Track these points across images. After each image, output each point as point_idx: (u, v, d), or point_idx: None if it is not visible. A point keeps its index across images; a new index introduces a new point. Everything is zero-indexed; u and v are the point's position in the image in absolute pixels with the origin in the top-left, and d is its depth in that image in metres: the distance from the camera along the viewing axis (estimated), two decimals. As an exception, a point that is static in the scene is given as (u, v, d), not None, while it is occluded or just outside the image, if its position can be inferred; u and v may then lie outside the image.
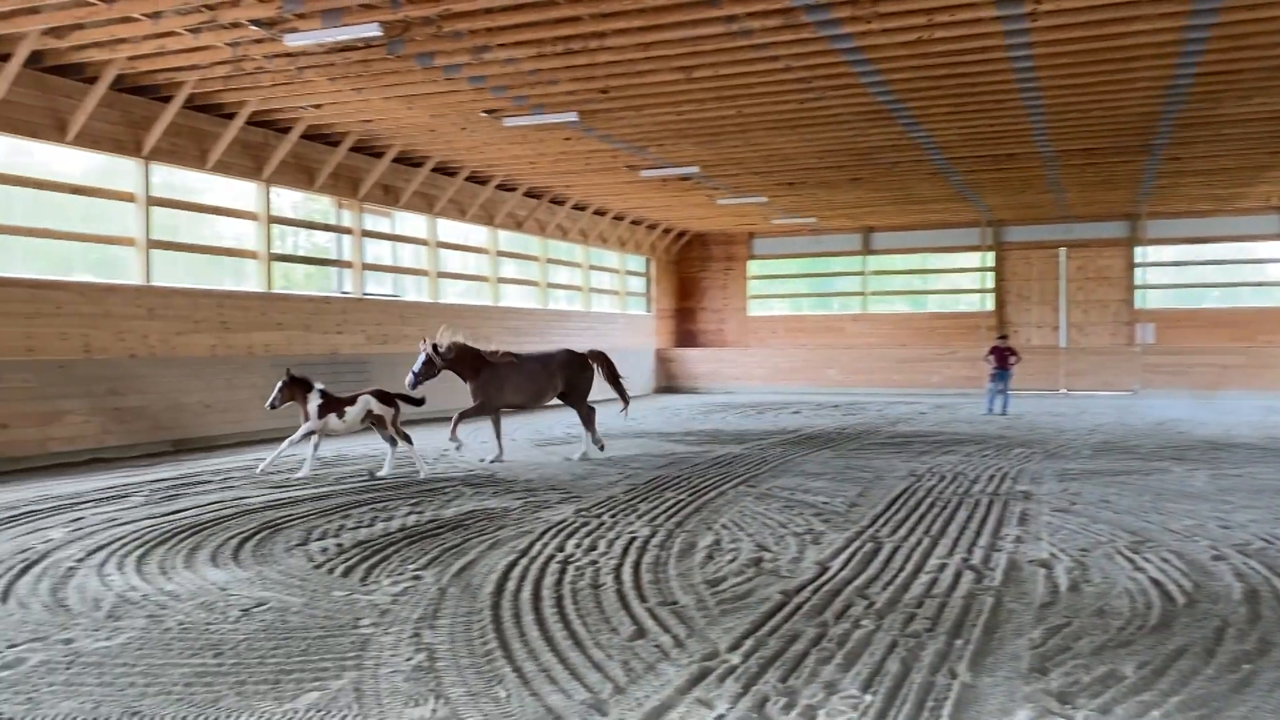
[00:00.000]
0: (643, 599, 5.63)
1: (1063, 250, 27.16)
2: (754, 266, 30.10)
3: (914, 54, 11.96)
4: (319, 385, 10.70)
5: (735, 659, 4.56)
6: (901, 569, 6.36)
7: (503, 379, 12.17)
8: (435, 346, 11.72)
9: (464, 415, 12.11)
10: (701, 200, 23.39)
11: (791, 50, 11.78)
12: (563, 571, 6.31)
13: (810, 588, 5.85)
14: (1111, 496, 9.18)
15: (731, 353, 29.23)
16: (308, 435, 10.63)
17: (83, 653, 4.71)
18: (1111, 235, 26.64)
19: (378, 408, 10.79)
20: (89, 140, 12.92)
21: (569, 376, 12.64)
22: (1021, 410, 20.35)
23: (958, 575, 6.18)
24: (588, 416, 12.76)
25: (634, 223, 26.88)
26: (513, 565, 6.47)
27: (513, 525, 7.86)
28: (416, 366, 11.62)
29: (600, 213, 24.98)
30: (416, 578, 6.16)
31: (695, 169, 18.94)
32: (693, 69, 12.54)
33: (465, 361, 12.01)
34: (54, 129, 12.54)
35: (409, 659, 4.59)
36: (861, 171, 19.74)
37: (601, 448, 12.75)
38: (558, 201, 23.21)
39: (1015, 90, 13.60)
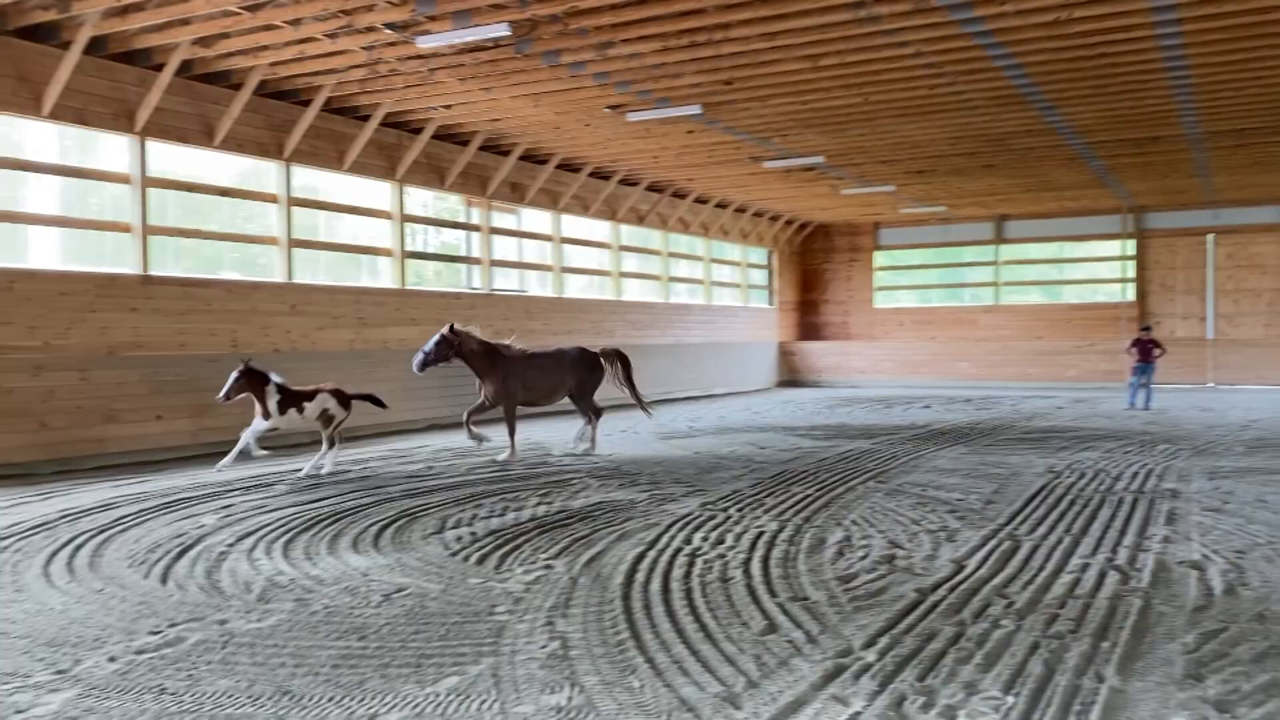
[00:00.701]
0: (773, 594, 5.58)
1: (1210, 237, 25.79)
2: (880, 257, 29.52)
3: (1051, 35, 11.52)
4: (276, 378, 10.32)
5: (870, 656, 4.48)
6: (1042, 568, 6.14)
7: (519, 375, 11.93)
8: (453, 327, 11.55)
9: (511, 425, 11.91)
10: (826, 190, 23.07)
11: (921, 35, 11.50)
12: (691, 564, 6.31)
13: (946, 586, 5.71)
14: (1269, 496, 8.68)
15: (857, 346, 28.75)
16: (269, 430, 10.41)
17: (236, 633, 4.94)
18: (1265, 220, 25.17)
19: (335, 409, 10.54)
20: (234, 144, 13.54)
21: (581, 375, 12.42)
22: (1166, 405, 19.42)
23: (1102, 576, 5.94)
24: (596, 412, 12.60)
25: (756, 215, 26.70)
26: (641, 557, 6.51)
27: (639, 517, 7.90)
28: (429, 346, 11.42)
29: (722, 205, 24.88)
30: (548, 567, 6.26)
31: (820, 159, 18.68)
32: (819, 57, 12.36)
33: (483, 356, 11.76)
34: (203, 134, 13.18)
35: (543, 646, 4.66)
36: (994, 158, 19.14)
37: (590, 448, 12.39)
38: (680, 195, 23.22)
39: (1161, 70, 12.97)
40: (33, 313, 11.37)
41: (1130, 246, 26.43)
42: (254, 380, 10.15)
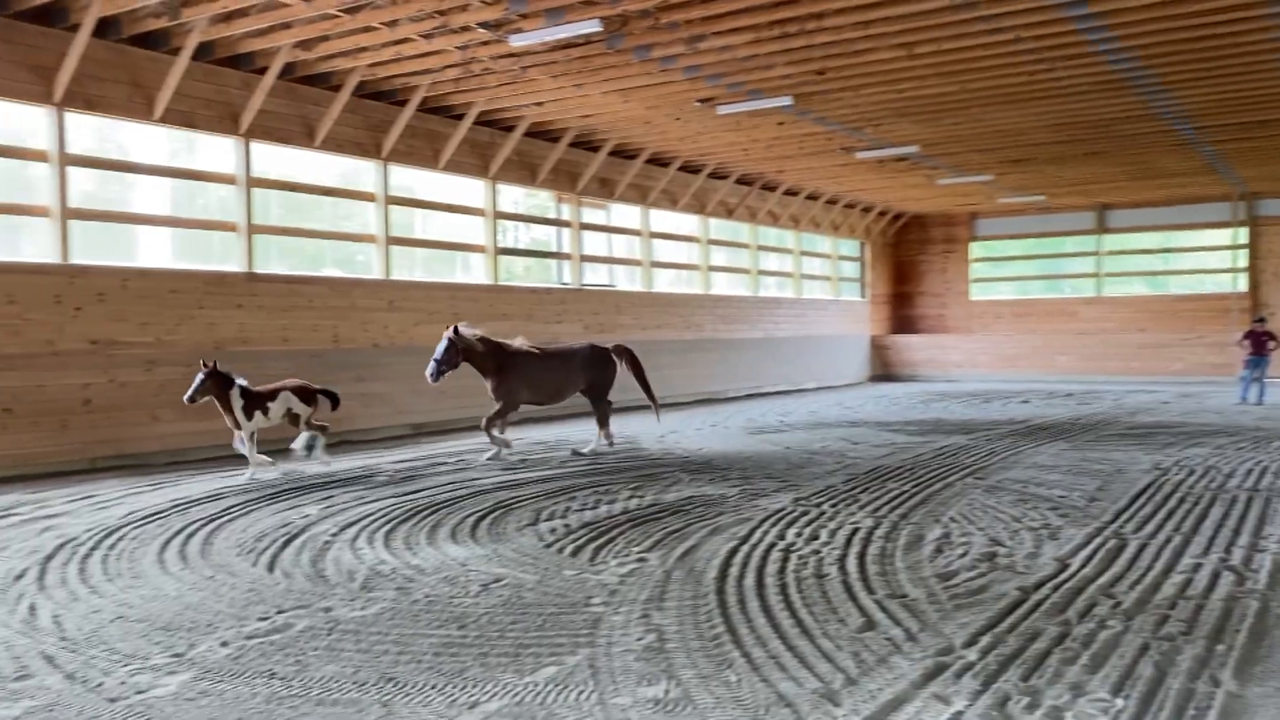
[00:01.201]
0: (870, 590, 5.51)
1: (1330, 224, 24.59)
2: (976, 248, 28.86)
3: (1158, 17, 11.10)
4: (240, 381, 9.77)
5: (972, 655, 4.39)
6: (1150, 568, 5.94)
7: (525, 375, 11.54)
8: (457, 330, 11.14)
9: (492, 420, 11.48)
10: (920, 181, 22.66)
11: (1021, 21, 11.19)
12: (785, 560, 6.27)
13: (1050, 585, 5.56)
14: (1396, 496, 8.25)
15: (953, 339, 28.18)
16: (251, 437, 9.91)
17: (341, 620, 5.08)
18: (1390, 205, 23.90)
19: (298, 406, 10.15)
20: (334, 145, 13.89)
21: (591, 375, 12.02)
22: (1281, 400, 18.60)
23: (1215, 576, 5.72)
24: (604, 413, 12.13)
25: (848, 206, 26.36)
26: (734, 551, 6.50)
27: (731, 512, 7.88)
28: (439, 354, 11.01)
29: (813, 197, 24.63)
30: (642, 560, 6.29)
31: (914, 148, 18.35)
32: (914, 45, 12.14)
33: (488, 355, 11.34)
34: (304, 135, 13.55)
35: (639, 639, 4.69)
36: (1096, 145, 18.54)
37: (611, 444, 12.04)
38: (769, 187, 23.05)
39: (1277, 50, 12.39)
40: (145, 310, 11.84)
41: (1242, 234, 25.36)
42: (219, 384, 9.62)
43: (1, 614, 5.26)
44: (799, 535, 6.99)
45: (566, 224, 18.45)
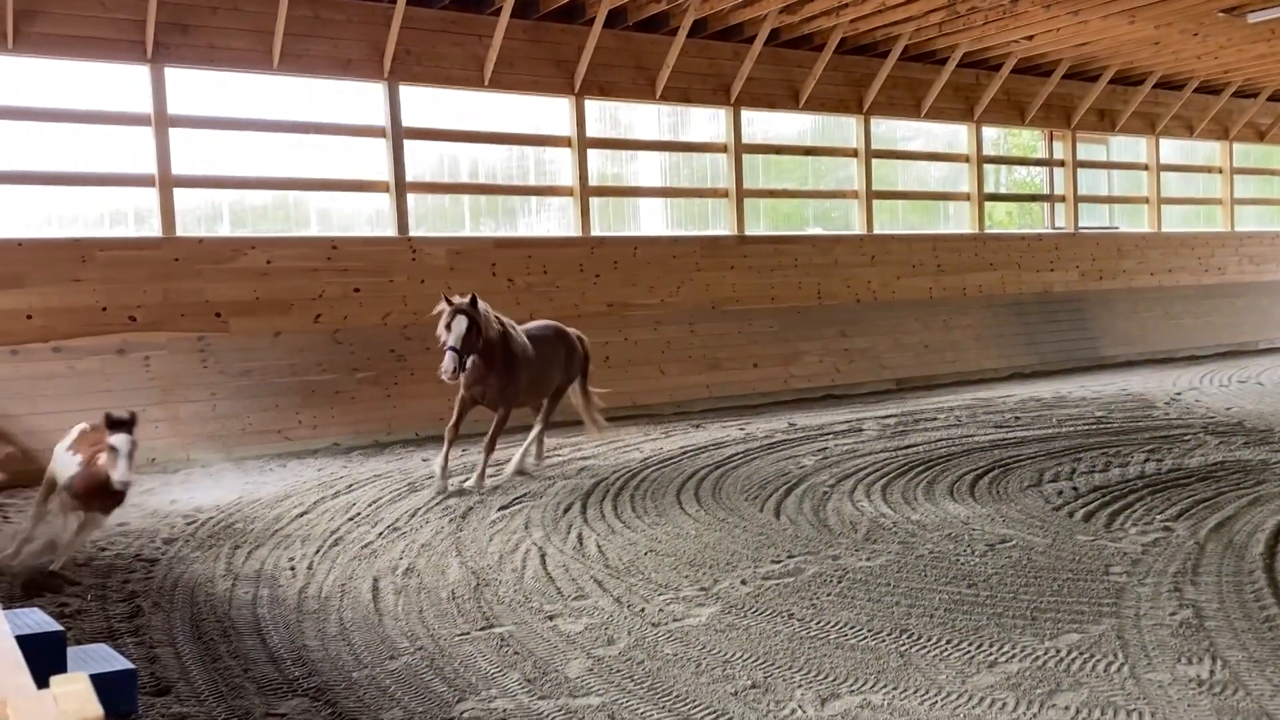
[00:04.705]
0: None
1: None
2: None
3: None
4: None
5: None
6: None
7: (529, 367, 8.46)
8: (475, 300, 7.84)
9: (495, 438, 8.32)
10: None
11: None
12: (1353, 537, 5.39)
13: None
14: None
15: None
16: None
17: (849, 569, 5.22)
18: None
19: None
20: (817, 104, 14.12)
21: (571, 365, 9.13)
22: None
23: None
24: (551, 414, 9.21)
25: None
26: (1283, 525, 5.71)
27: (1275, 480, 6.92)
28: (457, 339, 7.53)
29: (1372, 110, 20.59)
30: (1166, 529, 5.75)
31: None
32: None
33: (500, 341, 8.13)
34: (788, 98, 13.92)
35: (1172, 613, 4.30)
36: None
37: (540, 460, 8.93)
38: (1313, 103, 19.64)
39: None
40: (651, 274, 12.95)
41: None
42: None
43: (557, 541, 6.09)
44: (1369, 510, 5.97)
45: (1060, 163, 17.17)
